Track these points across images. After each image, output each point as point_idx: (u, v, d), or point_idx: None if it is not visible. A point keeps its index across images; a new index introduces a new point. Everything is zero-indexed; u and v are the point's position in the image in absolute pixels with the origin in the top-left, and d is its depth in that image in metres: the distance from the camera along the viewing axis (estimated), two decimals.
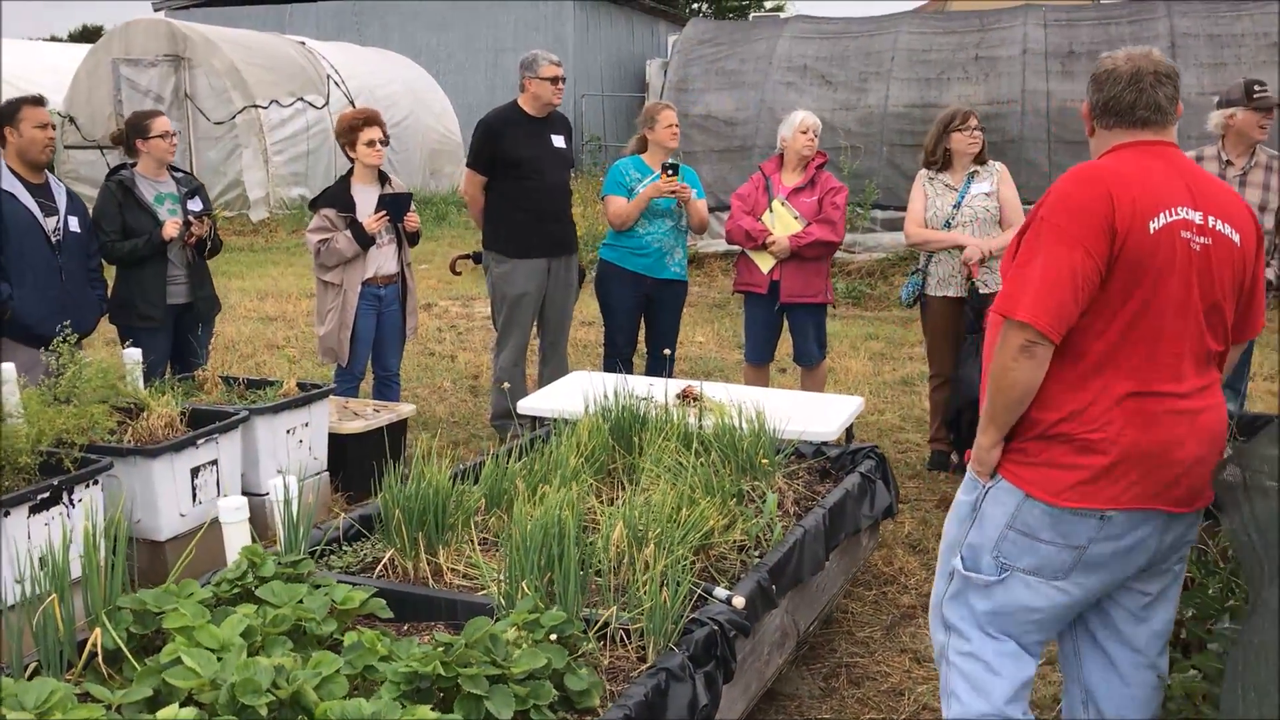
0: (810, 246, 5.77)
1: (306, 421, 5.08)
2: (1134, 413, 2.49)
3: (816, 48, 12.76)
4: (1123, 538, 2.54)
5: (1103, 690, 2.75)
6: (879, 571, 4.64)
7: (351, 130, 5.75)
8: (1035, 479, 2.57)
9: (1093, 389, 2.52)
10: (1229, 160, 5.27)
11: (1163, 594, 2.70)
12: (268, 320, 9.94)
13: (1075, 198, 2.51)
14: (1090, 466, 2.50)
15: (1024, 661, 2.71)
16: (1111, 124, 2.65)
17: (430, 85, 19.52)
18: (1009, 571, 2.63)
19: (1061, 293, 2.44)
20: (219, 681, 2.24)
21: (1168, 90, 2.61)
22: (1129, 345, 2.50)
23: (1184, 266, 2.49)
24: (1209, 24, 11.63)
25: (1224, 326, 2.59)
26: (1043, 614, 2.66)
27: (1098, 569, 2.58)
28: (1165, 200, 2.50)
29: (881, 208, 11.47)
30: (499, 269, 6.12)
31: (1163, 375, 2.51)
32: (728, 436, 3.85)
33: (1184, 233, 2.49)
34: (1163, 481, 2.51)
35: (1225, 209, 2.57)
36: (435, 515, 3.23)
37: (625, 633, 2.73)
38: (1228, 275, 2.55)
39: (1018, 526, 2.59)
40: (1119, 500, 2.51)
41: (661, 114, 6.04)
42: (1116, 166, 2.57)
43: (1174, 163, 2.59)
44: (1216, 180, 2.72)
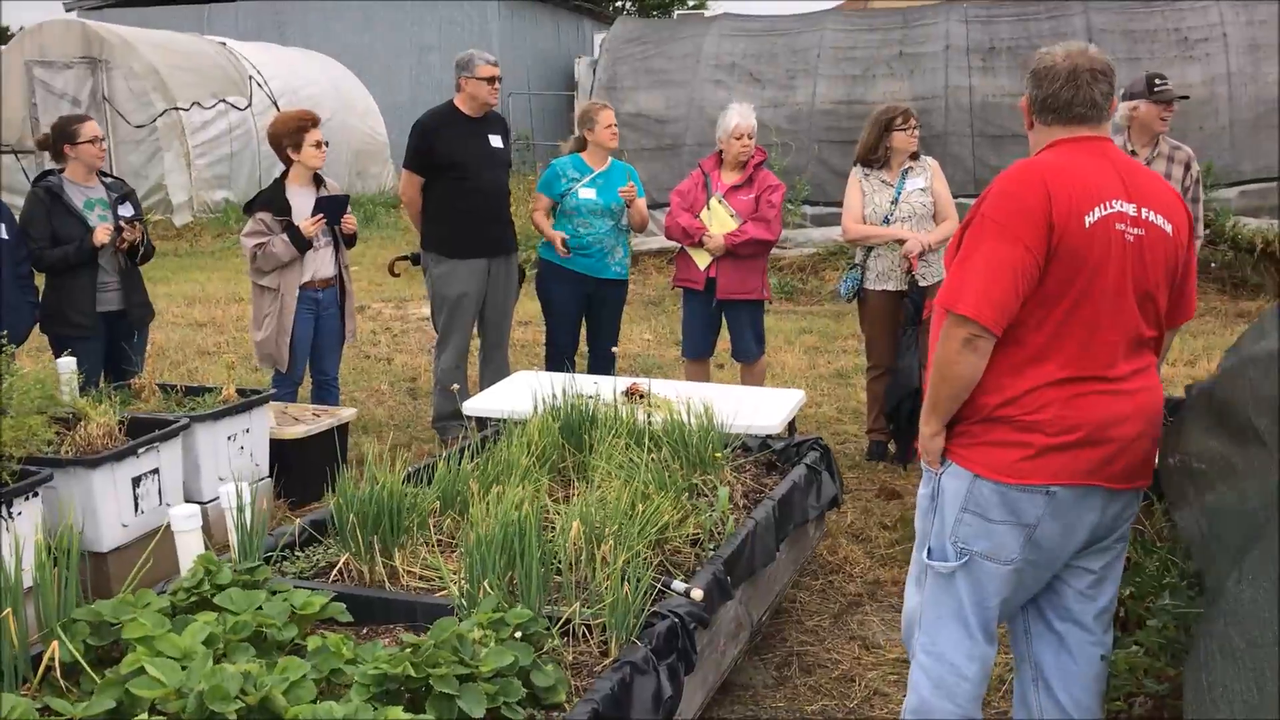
0: (745, 245, 5.84)
1: (248, 428, 5.02)
2: (1071, 393, 2.59)
3: (744, 46, 12.88)
4: (1067, 514, 2.63)
5: (1054, 668, 2.84)
6: (825, 561, 4.72)
7: (298, 131, 5.67)
8: (982, 459, 2.66)
9: (1031, 375, 2.61)
10: (1133, 151, 5.42)
11: (1107, 571, 2.80)
12: (197, 326, 9.78)
13: (1014, 195, 2.60)
14: (1033, 444, 2.60)
15: (988, 658, 2.79)
16: (1050, 120, 2.73)
17: (355, 85, 19.33)
18: (967, 556, 2.70)
19: (1003, 287, 2.53)
20: (185, 690, 2.23)
21: (1103, 87, 2.69)
22: (1066, 334, 2.59)
23: (1119, 257, 2.58)
24: (1124, 20, 11.96)
25: (1157, 313, 2.69)
26: (1001, 598, 2.74)
27: (1045, 547, 2.67)
28: (1100, 194, 2.59)
29: (811, 203, 11.61)
30: (438, 270, 6.10)
31: (1099, 362, 2.60)
32: (677, 432, 3.90)
33: (1118, 225, 2.59)
34: (1104, 457, 2.60)
35: (1158, 200, 2.67)
36: (390, 518, 3.23)
37: (587, 628, 2.76)
38: (1161, 264, 2.65)
39: (971, 508, 2.67)
40: (1061, 476, 2.59)
41: (600, 114, 6.07)
42: (1054, 162, 2.66)
43: (1109, 157, 2.68)
44: (1149, 172, 2.81)
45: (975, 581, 2.73)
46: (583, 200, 6.02)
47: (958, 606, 2.76)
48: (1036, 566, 2.71)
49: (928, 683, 2.79)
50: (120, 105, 15.03)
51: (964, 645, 2.76)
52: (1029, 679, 2.90)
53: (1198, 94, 11.04)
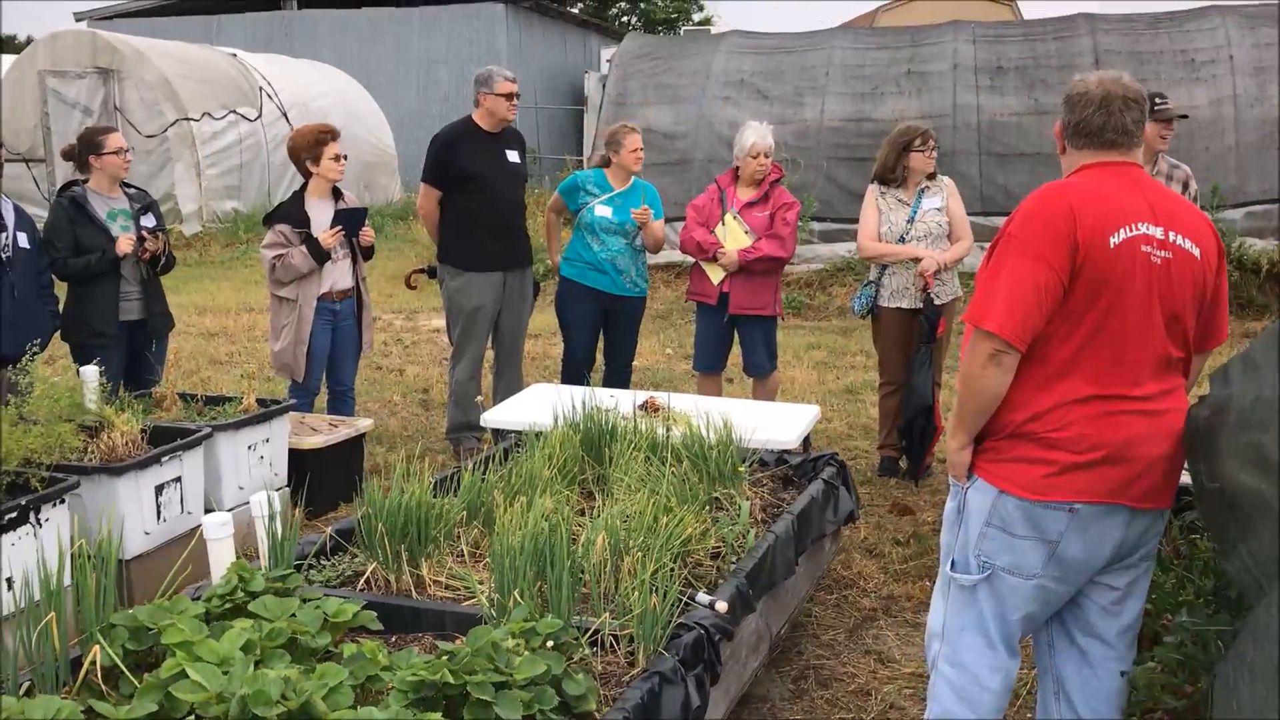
0: (759, 261, 5.89)
1: (267, 438, 5.07)
2: (1096, 412, 2.64)
3: (753, 62, 12.97)
4: (1090, 531, 2.67)
5: (1075, 682, 2.89)
6: (839, 576, 4.76)
7: (318, 144, 5.74)
8: (1007, 475, 2.71)
9: (1057, 392, 2.66)
10: None
11: (1131, 588, 2.84)
12: (209, 336, 9.84)
13: (1040, 214, 2.67)
14: (1057, 461, 2.65)
15: (1011, 668, 2.84)
16: (1081, 144, 2.80)
17: (363, 97, 19.43)
18: (990, 570, 2.75)
19: (1026, 304, 2.60)
20: (226, 695, 2.27)
21: (1135, 114, 2.75)
22: (1092, 351, 2.64)
23: (1145, 278, 2.64)
24: (1131, 41, 12.04)
25: (1185, 335, 2.73)
26: (1023, 613, 2.78)
27: (1068, 564, 2.71)
28: (1126, 216, 2.65)
29: (820, 220, 11.67)
30: (454, 282, 6.16)
31: (1124, 380, 2.65)
32: (697, 446, 3.94)
33: (1144, 247, 2.64)
34: (1127, 477, 2.64)
35: (1187, 225, 2.72)
36: (418, 528, 3.27)
37: (615, 638, 2.80)
38: (1188, 287, 2.70)
39: (995, 523, 2.72)
40: (1084, 494, 2.64)
41: (628, 138, 6.12)
42: (1081, 184, 2.73)
43: (1138, 182, 2.74)
44: (1179, 198, 2.87)
45: (997, 595, 2.77)
46: (598, 218, 6.09)
47: (979, 619, 2.80)
48: (1060, 582, 2.75)
49: (950, 693, 2.84)
50: (131, 115, 15.12)
51: (986, 657, 2.81)
52: (1051, 691, 2.94)
53: (1204, 115, 11.13)
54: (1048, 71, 11.97)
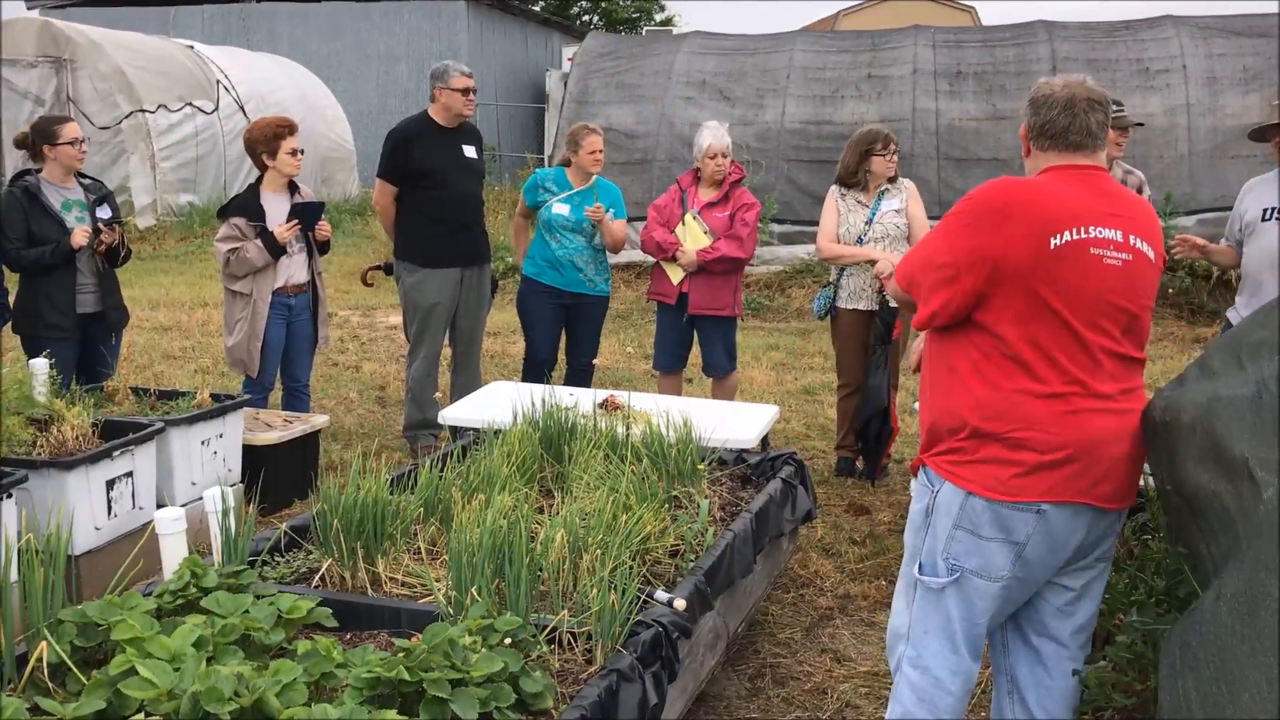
0: (717, 262, 5.91)
1: (221, 433, 5.01)
2: (1058, 411, 2.66)
3: (714, 63, 13.00)
4: (1055, 532, 2.69)
5: (1029, 682, 2.91)
6: (796, 575, 4.78)
7: (275, 138, 5.68)
8: (974, 477, 2.72)
9: (1012, 390, 2.68)
10: None
11: (1086, 590, 2.86)
12: (163, 330, 9.71)
13: (979, 199, 2.74)
14: (1024, 462, 2.66)
15: (971, 674, 2.85)
16: (1046, 146, 2.82)
17: (322, 92, 19.26)
18: (959, 573, 2.76)
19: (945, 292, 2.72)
20: (177, 691, 2.24)
21: (1099, 116, 2.79)
22: (1043, 349, 2.66)
23: (1099, 280, 2.66)
24: (1087, 48, 12.20)
25: (1142, 335, 2.78)
26: (989, 615, 2.80)
27: (1033, 565, 2.73)
28: (1077, 219, 2.67)
29: (780, 222, 11.72)
30: (411, 279, 6.12)
31: (1082, 378, 2.67)
32: (657, 444, 3.94)
33: (1094, 249, 2.66)
34: (1093, 477, 2.66)
35: (1145, 229, 2.76)
36: (374, 524, 3.24)
37: (573, 636, 2.79)
38: (1146, 288, 2.74)
39: (964, 525, 2.73)
40: (1051, 494, 2.66)
41: (586, 138, 6.11)
42: (1035, 183, 2.77)
43: (1098, 185, 2.77)
44: (1141, 202, 2.89)
45: (965, 598, 2.78)
46: (555, 215, 6.08)
47: (946, 622, 2.80)
48: (1023, 583, 2.77)
49: (912, 695, 2.84)
50: (85, 106, 14.89)
51: (949, 660, 2.81)
52: (1005, 691, 2.96)
53: (1158, 123, 11.30)
54: (1006, 77, 12.10)
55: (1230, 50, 11.82)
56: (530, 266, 6.20)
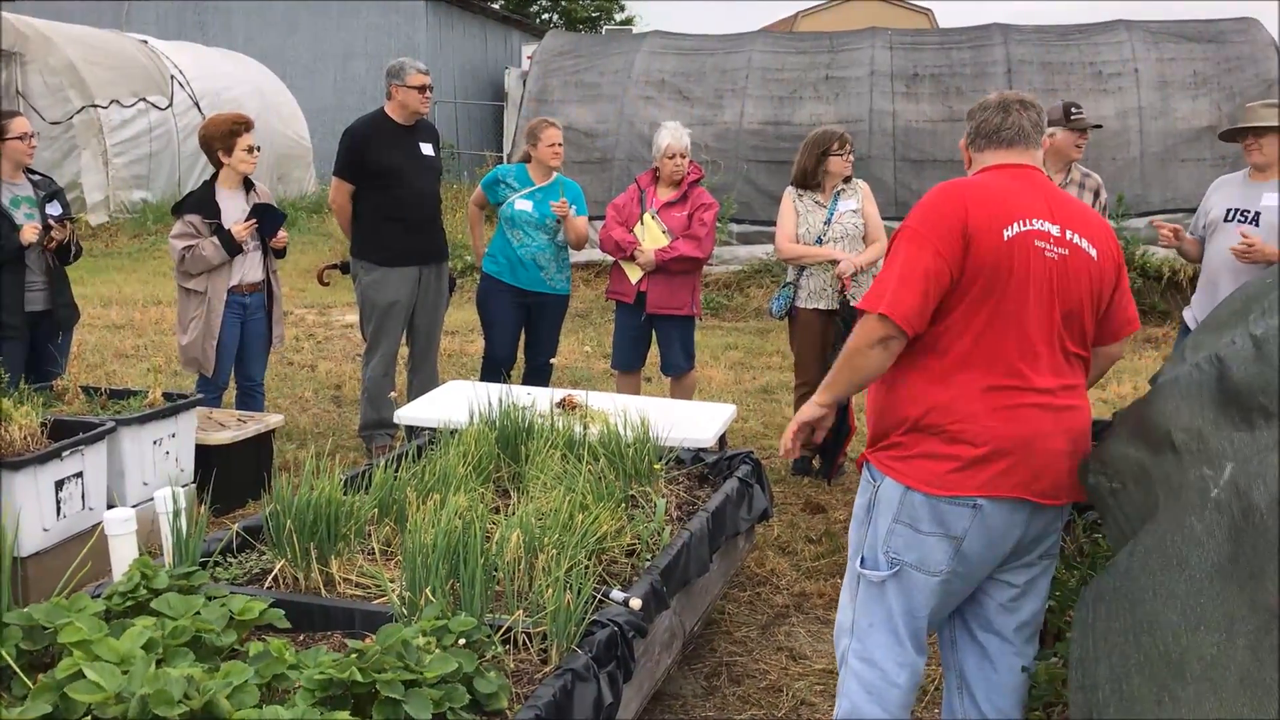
0: (676, 261, 5.92)
1: (174, 433, 4.95)
2: (996, 405, 2.70)
3: (674, 64, 13.02)
4: (993, 528, 2.72)
5: (977, 678, 2.94)
6: (752, 573, 4.79)
7: (231, 135, 5.62)
8: (912, 472, 2.75)
9: (956, 383, 2.72)
10: (1049, 176, 5.61)
11: (1030, 586, 2.90)
12: (115, 328, 9.59)
13: (933, 206, 2.77)
14: (960, 456, 2.69)
15: (917, 667, 2.88)
16: (982, 145, 2.92)
17: (278, 88, 19.09)
18: (899, 566, 2.79)
19: (914, 291, 2.67)
20: (125, 695, 2.21)
21: (1032, 115, 2.89)
22: (989, 342, 2.70)
23: (1040, 273, 2.71)
24: (1042, 51, 12.34)
25: (1083, 332, 2.81)
26: (930, 608, 2.83)
27: (971, 560, 2.76)
28: (1021, 212, 2.73)
29: (738, 221, 11.76)
30: (368, 277, 6.07)
31: (1023, 372, 2.71)
32: (614, 444, 3.94)
33: (1038, 242, 2.72)
34: (1029, 472, 2.70)
35: (1084, 226, 2.81)
36: (328, 525, 3.22)
37: (528, 636, 2.78)
38: (1085, 284, 2.77)
39: (903, 519, 2.77)
40: (987, 488, 2.69)
41: (545, 132, 6.10)
42: (977, 180, 2.84)
43: (1036, 182, 2.84)
44: (1078, 202, 2.95)
45: (905, 591, 2.81)
46: (518, 211, 6.06)
47: (888, 615, 2.84)
48: (963, 578, 2.80)
49: (859, 689, 2.87)
50: (35, 100, 14.66)
51: (895, 653, 2.84)
52: (955, 687, 2.99)
53: (1111, 126, 11.45)
54: (962, 80, 12.21)
55: (1180, 55, 12.00)
56: (491, 265, 6.17)
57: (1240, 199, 5.12)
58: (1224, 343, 2.17)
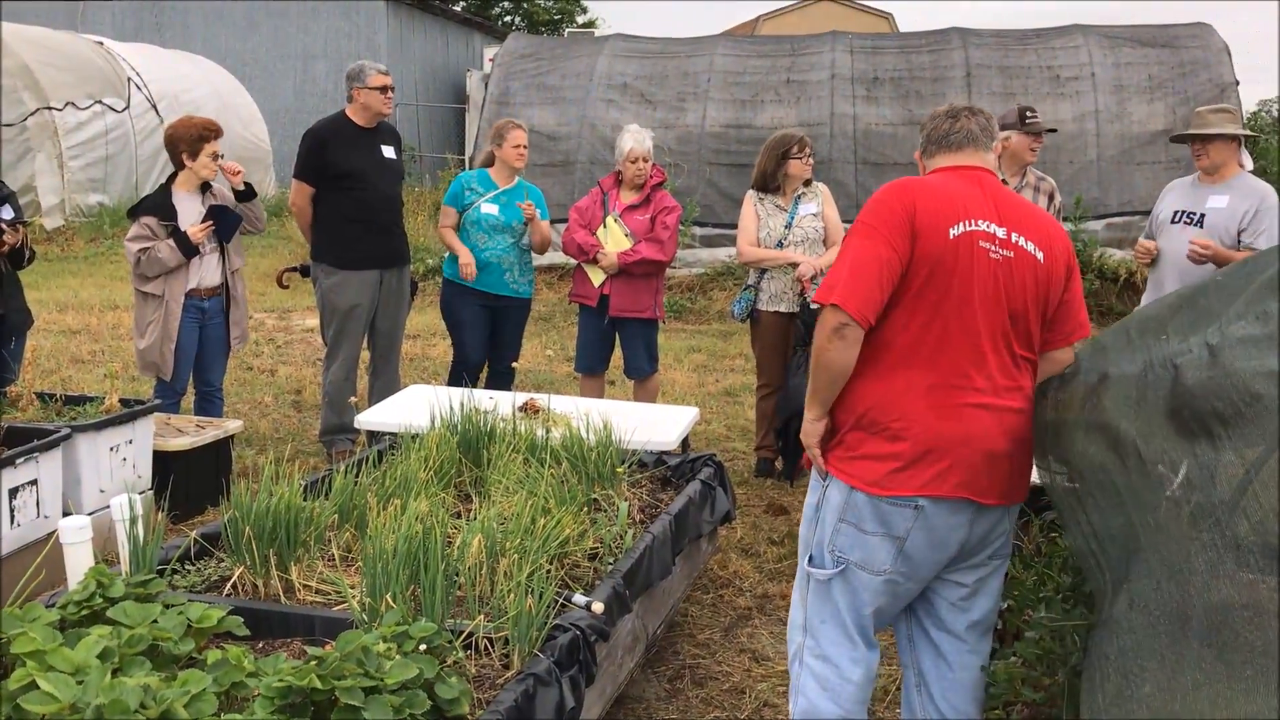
0: (638, 264, 5.92)
1: (130, 439, 4.90)
2: (937, 404, 2.72)
3: (636, 67, 13.03)
4: (936, 528, 2.74)
5: (933, 676, 2.96)
6: (715, 575, 4.80)
7: (199, 140, 5.57)
8: (856, 471, 2.78)
9: (898, 379, 2.74)
10: (1004, 179, 5.67)
11: (981, 586, 2.91)
12: (71, 333, 9.46)
13: (883, 201, 2.81)
14: (901, 455, 2.72)
15: (870, 663, 2.90)
16: (933, 151, 2.98)
17: (237, 91, 18.92)
18: (844, 565, 2.82)
19: (867, 280, 2.70)
20: (81, 705, 2.18)
21: (980, 121, 2.95)
22: (931, 340, 2.73)
23: (984, 273, 2.74)
24: (1000, 55, 12.46)
25: (1029, 334, 2.82)
26: (875, 606, 2.84)
27: (915, 560, 2.78)
28: (966, 212, 2.76)
29: (701, 224, 11.79)
30: (329, 281, 6.03)
31: (966, 371, 2.73)
32: (577, 447, 3.93)
33: (982, 242, 2.75)
34: (970, 472, 2.71)
35: (1032, 229, 2.83)
36: (287, 531, 3.19)
37: (489, 641, 2.78)
38: (1030, 287, 2.80)
39: (848, 519, 2.80)
40: (929, 488, 2.71)
41: (511, 133, 6.08)
42: (926, 180, 2.88)
43: (984, 184, 2.87)
44: (1028, 203, 2.98)
45: (851, 589, 2.83)
46: (484, 215, 6.03)
47: (836, 612, 2.86)
48: (908, 578, 2.82)
49: (815, 685, 2.88)
50: None
51: (847, 649, 2.86)
52: (913, 685, 3.01)
53: (1068, 130, 11.58)
54: (922, 83, 12.31)
55: (1136, 60, 12.16)
56: (454, 269, 6.14)
57: (1187, 201, 5.23)
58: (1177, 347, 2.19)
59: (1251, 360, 2.01)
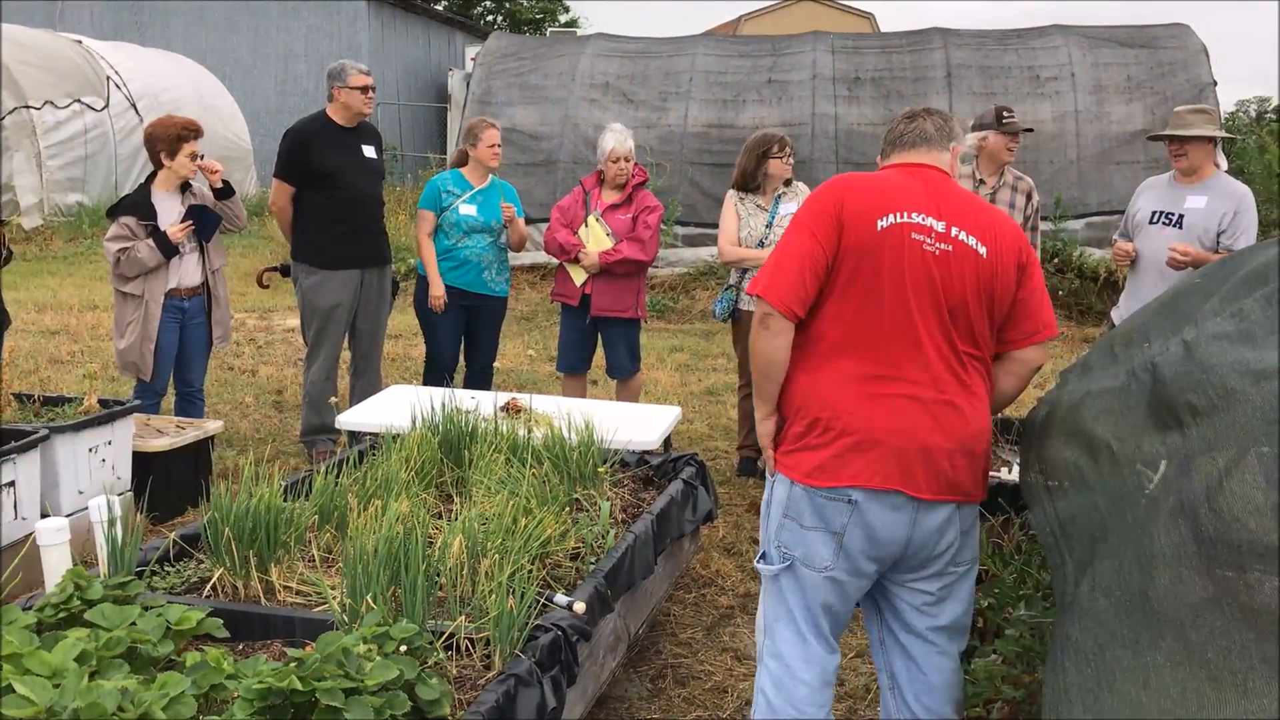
0: (620, 263, 5.92)
1: (110, 440, 4.87)
2: (867, 394, 2.72)
3: (618, 66, 13.02)
4: (872, 523, 2.72)
5: (905, 678, 2.94)
6: (698, 574, 4.81)
7: (178, 139, 5.55)
8: (794, 464, 2.80)
9: (829, 370, 2.76)
10: (982, 179, 5.69)
11: (947, 593, 2.87)
12: (49, 334, 9.40)
13: (814, 196, 2.87)
14: (832, 446, 2.72)
15: (827, 662, 2.86)
16: (889, 153, 3.01)
17: (218, 90, 18.84)
18: (790, 561, 2.82)
19: (790, 272, 2.75)
20: (58, 709, 2.16)
21: (936, 121, 2.96)
22: (860, 330, 2.74)
23: (916, 265, 2.73)
24: (980, 56, 12.50)
25: (973, 332, 2.80)
26: (822, 603, 2.82)
27: (854, 556, 2.76)
28: (900, 205, 2.77)
29: (683, 224, 11.79)
30: (309, 281, 6.01)
31: (897, 362, 2.73)
32: (559, 447, 3.93)
33: (915, 235, 2.75)
34: (901, 464, 2.70)
35: (976, 225, 2.81)
36: (267, 532, 3.18)
37: (470, 641, 2.77)
38: (970, 282, 2.77)
39: (790, 514, 2.80)
40: (859, 478, 2.70)
41: (485, 132, 6.07)
42: (862, 175, 2.90)
43: (928, 180, 2.86)
44: (980, 202, 2.93)
45: (800, 587, 2.82)
46: (463, 216, 6.02)
47: (788, 610, 2.85)
48: (851, 574, 2.79)
49: (771, 685, 2.87)
50: None
51: (799, 649, 2.84)
52: (887, 686, 2.99)
53: (1048, 130, 11.63)
54: (903, 83, 12.34)
55: (1115, 60, 12.22)
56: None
57: (1164, 201, 5.24)
58: (1157, 350, 2.21)
59: (1227, 355, 2.02)
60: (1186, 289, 2.58)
